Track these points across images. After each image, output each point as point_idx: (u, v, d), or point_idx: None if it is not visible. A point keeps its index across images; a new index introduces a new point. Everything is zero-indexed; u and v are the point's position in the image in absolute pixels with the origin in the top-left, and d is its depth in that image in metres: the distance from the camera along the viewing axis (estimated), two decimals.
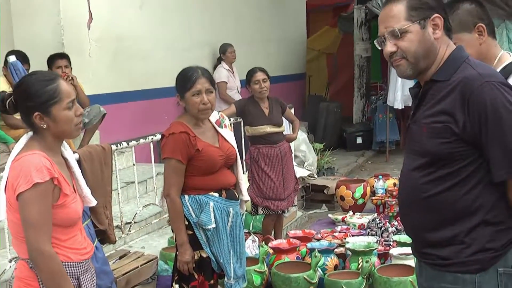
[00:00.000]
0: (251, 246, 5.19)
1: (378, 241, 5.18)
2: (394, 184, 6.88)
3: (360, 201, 6.89)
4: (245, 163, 5.70)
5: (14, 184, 2.28)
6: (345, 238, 5.25)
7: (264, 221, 5.53)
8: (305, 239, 5.18)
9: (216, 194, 3.53)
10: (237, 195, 3.70)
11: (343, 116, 11.26)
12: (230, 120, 5.31)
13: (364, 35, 11.05)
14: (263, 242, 5.00)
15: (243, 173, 4.10)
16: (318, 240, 5.22)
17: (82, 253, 2.48)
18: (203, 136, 3.52)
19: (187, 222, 3.51)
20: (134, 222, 5.27)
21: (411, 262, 4.28)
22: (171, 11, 8.01)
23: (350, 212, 6.43)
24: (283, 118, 5.57)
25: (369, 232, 5.62)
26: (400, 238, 5.00)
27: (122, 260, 4.63)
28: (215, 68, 8.56)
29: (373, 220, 5.87)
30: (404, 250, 4.62)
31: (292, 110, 6.29)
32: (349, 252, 4.80)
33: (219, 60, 8.67)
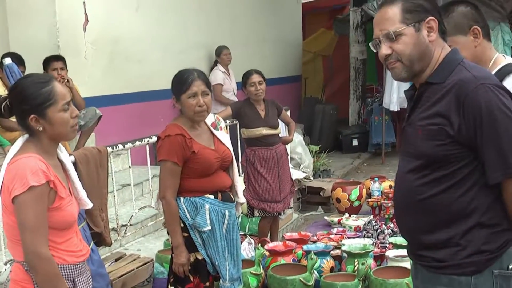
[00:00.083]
0: (247, 249, 5.19)
1: (374, 243, 5.18)
2: (390, 186, 6.88)
3: (356, 203, 6.90)
4: (241, 165, 5.70)
5: (10, 187, 2.28)
6: (341, 240, 5.25)
7: (260, 223, 5.53)
8: (301, 241, 5.18)
9: (212, 197, 3.53)
10: (233, 198, 3.70)
11: (339, 118, 11.27)
12: (226, 123, 5.31)
13: (360, 38, 11.07)
14: (259, 244, 5.00)
15: (239, 175, 4.10)
16: (314, 242, 5.22)
17: (78, 256, 2.48)
18: (199, 139, 3.52)
19: (183, 224, 3.50)
20: (130, 225, 5.26)
21: (407, 264, 4.28)
22: (167, 13, 8.01)
23: (346, 214, 6.43)
24: (279, 120, 5.57)
25: (365, 234, 5.61)
26: (396, 240, 5.00)
27: (118, 263, 4.62)
28: (212, 70, 8.56)
29: (369, 222, 5.88)
30: (400, 252, 4.62)
31: (288, 112, 6.29)
32: (345, 254, 4.80)
33: (216, 63, 8.67)
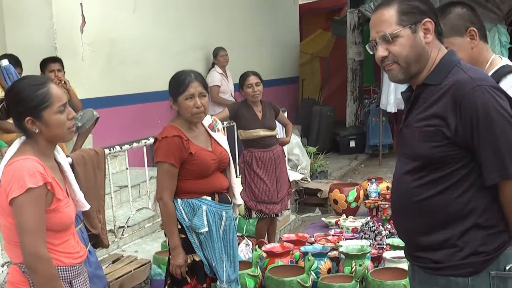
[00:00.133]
0: (245, 250, 5.18)
1: (372, 245, 5.18)
2: (387, 188, 6.88)
3: (354, 205, 6.89)
4: (239, 167, 5.70)
5: (7, 189, 2.27)
6: (339, 242, 5.24)
7: (258, 225, 5.53)
8: (299, 243, 5.18)
9: (209, 198, 3.53)
10: (230, 199, 3.70)
11: (336, 120, 11.26)
12: (223, 124, 5.31)
13: (357, 39, 11.07)
14: (257, 246, 5.00)
15: (236, 177, 4.10)
16: (312, 244, 5.21)
17: (75, 257, 2.48)
18: (196, 140, 3.52)
19: (180, 226, 3.50)
20: (127, 226, 5.26)
21: (405, 266, 4.28)
22: (164, 15, 8.00)
23: (344, 216, 6.43)
24: (276, 122, 5.57)
25: (363, 236, 5.61)
26: (393, 242, 5.00)
27: (115, 264, 4.63)
28: (209, 72, 8.56)
29: (367, 224, 5.87)
30: (398, 254, 4.61)
31: (285, 114, 6.29)
32: (343, 256, 4.80)
33: (213, 64, 8.66)
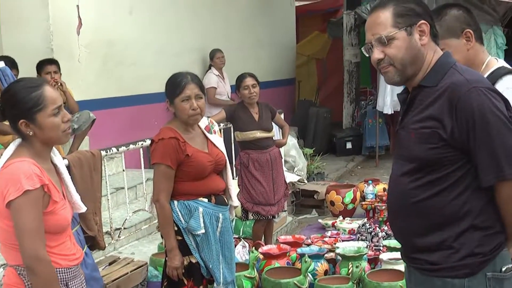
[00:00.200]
0: (241, 252, 5.18)
1: (368, 246, 5.18)
2: (384, 189, 6.89)
3: (350, 206, 6.90)
4: (235, 169, 5.70)
5: (4, 192, 2.27)
6: (335, 243, 5.24)
7: (254, 227, 5.53)
8: (295, 245, 5.18)
9: (206, 200, 3.53)
10: (227, 201, 3.70)
11: (333, 121, 11.27)
12: (220, 126, 5.31)
13: (354, 41, 11.08)
14: (253, 248, 5.00)
15: (233, 179, 4.10)
16: (308, 245, 5.22)
17: (71, 259, 2.47)
18: (193, 142, 3.52)
19: (177, 228, 3.50)
20: (124, 228, 5.25)
21: (401, 267, 4.29)
22: (161, 17, 8.00)
23: (340, 217, 6.43)
24: (273, 124, 5.57)
25: (359, 237, 5.62)
26: (390, 243, 5.01)
27: (112, 266, 4.62)
28: (206, 74, 8.55)
29: (363, 225, 5.88)
30: (394, 255, 4.62)
31: (282, 115, 6.30)
32: (339, 257, 4.80)
33: (210, 66, 8.66)
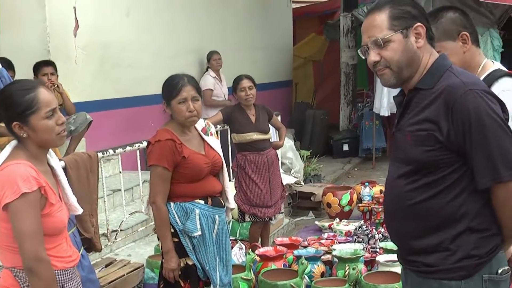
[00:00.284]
0: (238, 254, 5.18)
1: (365, 248, 5.19)
2: (381, 191, 6.89)
3: (347, 208, 6.90)
4: (232, 171, 5.70)
5: (0, 194, 2.26)
6: (332, 245, 5.25)
7: (251, 229, 5.53)
8: (292, 246, 5.18)
9: (202, 202, 3.53)
10: (223, 203, 3.70)
11: (330, 123, 11.27)
12: (217, 128, 5.31)
13: (350, 43, 11.09)
14: (250, 250, 5.00)
15: (230, 181, 4.09)
16: (305, 247, 5.22)
17: (67, 261, 2.47)
18: (189, 144, 3.52)
19: (173, 230, 3.50)
20: (120, 230, 5.24)
21: (398, 269, 4.28)
22: (158, 19, 8.00)
23: (337, 219, 6.43)
24: (270, 125, 5.58)
25: (356, 239, 5.62)
26: (387, 245, 5.01)
27: (108, 268, 4.61)
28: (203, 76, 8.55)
29: (360, 227, 5.89)
30: (391, 257, 4.62)
31: (279, 117, 6.30)
32: (336, 259, 4.80)
33: (207, 68, 8.65)
